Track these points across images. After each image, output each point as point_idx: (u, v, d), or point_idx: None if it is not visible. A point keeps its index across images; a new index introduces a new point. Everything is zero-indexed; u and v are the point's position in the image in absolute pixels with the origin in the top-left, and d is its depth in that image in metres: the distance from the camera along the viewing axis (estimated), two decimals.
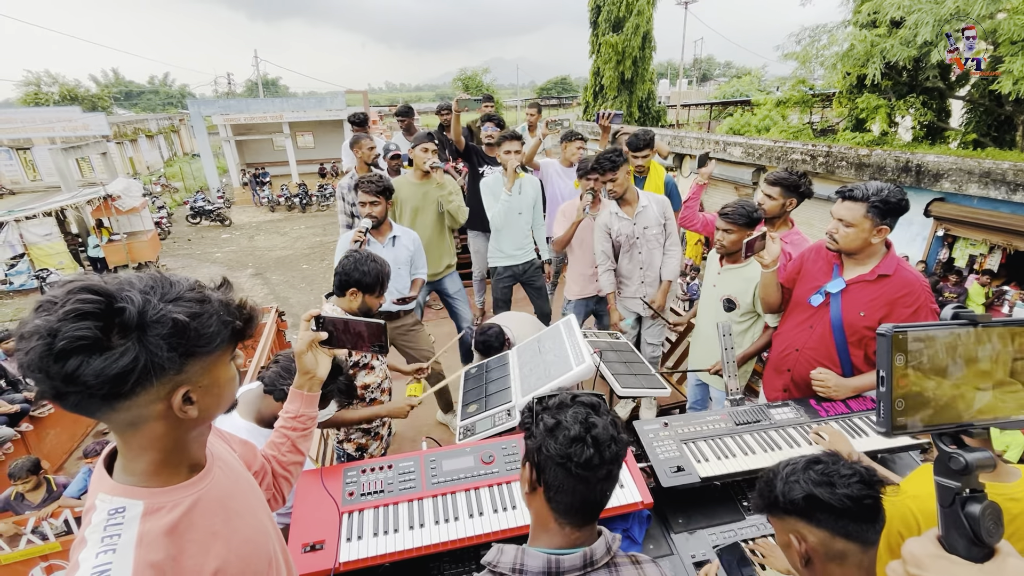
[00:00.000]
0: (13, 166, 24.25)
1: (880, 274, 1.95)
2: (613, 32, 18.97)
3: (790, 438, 1.90)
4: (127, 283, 0.74)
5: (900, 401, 0.62)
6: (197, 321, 0.76)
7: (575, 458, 0.90)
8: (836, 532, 1.00)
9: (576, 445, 0.90)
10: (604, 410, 0.97)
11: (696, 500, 1.80)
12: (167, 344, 0.72)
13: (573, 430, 0.91)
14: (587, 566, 0.92)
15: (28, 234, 11.82)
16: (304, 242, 16.11)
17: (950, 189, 7.44)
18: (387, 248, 2.99)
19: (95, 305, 0.69)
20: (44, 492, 3.80)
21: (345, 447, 2.34)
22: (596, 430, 0.91)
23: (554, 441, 0.91)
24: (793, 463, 1.11)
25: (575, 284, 3.51)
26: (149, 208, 15.27)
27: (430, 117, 32.12)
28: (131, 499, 0.80)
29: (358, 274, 2.10)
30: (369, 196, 2.81)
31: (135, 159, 28.86)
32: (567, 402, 0.96)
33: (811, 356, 2.18)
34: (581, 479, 0.91)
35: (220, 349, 0.80)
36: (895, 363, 0.62)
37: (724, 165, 11.66)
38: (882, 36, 9.75)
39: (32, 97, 35.42)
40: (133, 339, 0.70)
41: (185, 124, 37.46)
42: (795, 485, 1.05)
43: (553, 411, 0.95)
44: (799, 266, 2.26)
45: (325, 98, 23.91)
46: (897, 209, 1.87)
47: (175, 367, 0.74)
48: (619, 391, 2.41)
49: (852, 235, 1.94)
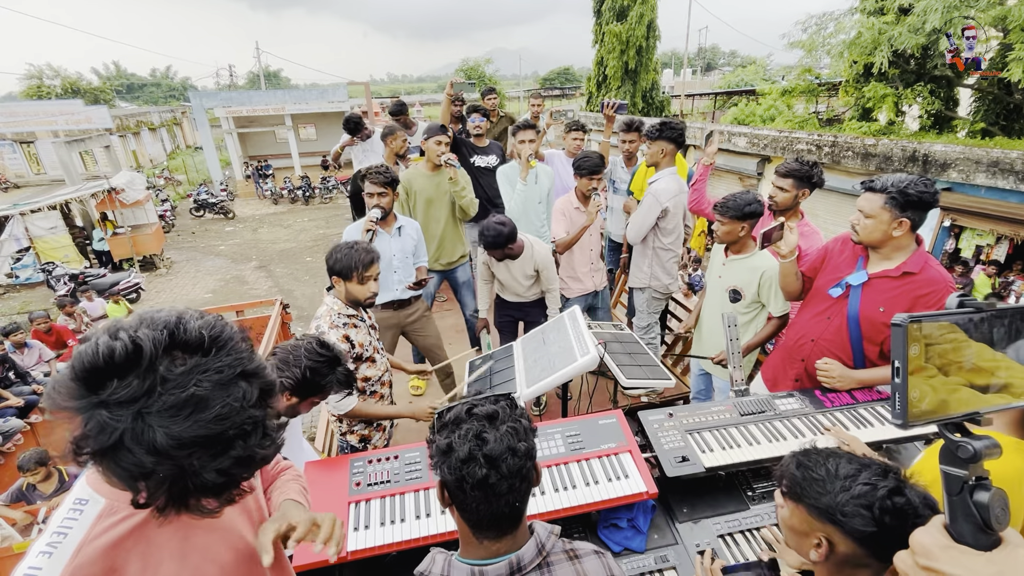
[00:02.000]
0: (17, 159, 24.31)
1: (905, 271, 1.92)
2: (617, 21, 18.76)
3: (795, 428, 1.90)
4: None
5: (916, 392, 0.62)
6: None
7: (469, 480, 0.87)
8: (875, 554, 0.94)
9: (468, 467, 0.87)
10: (503, 417, 0.93)
11: (701, 490, 1.80)
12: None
13: (462, 451, 0.88)
14: (513, 573, 0.90)
15: (33, 227, 11.87)
16: (307, 234, 16.12)
17: (957, 179, 7.37)
18: (394, 238, 3.00)
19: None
20: (56, 482, 3.86)
21: (348, 439, 2.35)
22: (488, 446, 0.88)
23: (447, 465, 0.90)
24: (867, 482, 0.97)
25: (575, 282, 3.49)
26: (153, 201, 15.29)
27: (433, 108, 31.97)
28: (96, 494, 0.79)
29: (331, 261, 2.17)
30: (377, 187, 2.82)
31: (138, 152, 28.86)
32: (462, 417, 0.93)
33: (826, 347, 2.17)
34: (482, 498, 0.88)
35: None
36: (910, 354, 0.61)
37: (729, 155, 11.57)
38: (890, 23, 9.62)
39: (35, 90, 35.42)
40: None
41: (187, 117, 37.39)
42: (866, 512, 0.94)
43: (448, 430, 0.92)
44: (823, 255, 2.23)
45: (327, 90, 23.83)
46: (918, 202, 1.82)
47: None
48: (624, 382, 2.42)
49: (871, 227, 1.91)
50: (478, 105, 4.36)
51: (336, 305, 2.19)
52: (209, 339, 0.72)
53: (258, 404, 0.74)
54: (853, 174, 8.73)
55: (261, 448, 0.74)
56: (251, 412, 0.73)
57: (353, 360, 2.21)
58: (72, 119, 20.91)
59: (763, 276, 2.49)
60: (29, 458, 3.77)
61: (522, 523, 0.97)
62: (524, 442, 0.93)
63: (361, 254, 2.15)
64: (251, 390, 0.73)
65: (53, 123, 20.93)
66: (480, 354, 2.94)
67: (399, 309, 3.11)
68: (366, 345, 2.25)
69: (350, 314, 2.20)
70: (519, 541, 0.95)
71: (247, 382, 0.74)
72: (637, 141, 3.85)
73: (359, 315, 2.25)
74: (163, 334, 0.69)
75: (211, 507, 0.75)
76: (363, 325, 2.27)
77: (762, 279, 2.50)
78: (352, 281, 2.15)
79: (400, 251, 3.03)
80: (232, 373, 0.72)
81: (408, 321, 3.14)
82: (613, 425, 1.89)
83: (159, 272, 13.25)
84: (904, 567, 0.67)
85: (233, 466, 0.71)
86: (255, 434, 0.73)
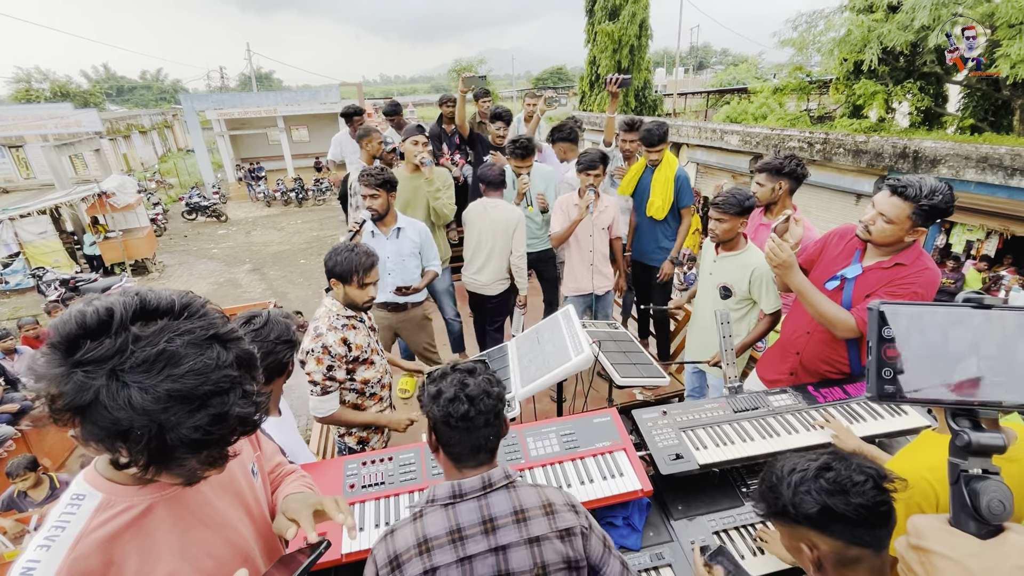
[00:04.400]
0: (6, 164, 24.05)
1: (898, 262, 1.93)
2: (609, 20, 18.83)
3: (788, 425, 1.91)
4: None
5: (887, 370, 0.64)
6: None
7: (454, 414, 1.11)
8: (851, 541, 0.96)
9: (454, 404, 1.11)
10: (480, 372, 1.18)
11: (695, 487, 1.81)
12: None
13: (449, 392, 1.12)
14: (486, 487, 1.12)
15: (23, 232, 11.74)
16: (301, 237, 16.06)
17: (947, 175, 7.43)
18: (391, 240, 2.98)
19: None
20: (47, 489, 3.82)
21: (346, 440, 2.34)
22: (468, 388, 1.13)
23: (436, 406, 1.13)
24: (801, 469, 1.04)
25: (572, 281, 3.50)
26: (144, 205, 15.19)
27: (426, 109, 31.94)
28: (93, 488, 0.81)
29: (331, 263, 2.14)
30: (370, 189, 2.80)
31: (129, 155, 28.64)
32: (447, 371, 1.18)
33: (822, 340, 2.18)
34: (464, 430, 1.12)
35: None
36: (882, 335, 0.65)
37: (721, 153, 11.63)
38: (879, 21, 9.71)
39: (23, 94, 35.10)
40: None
41: (178, 119, 37.15)
42: (806, 496, 0.99)
43: (437, 381, 1.16)
44: (821, 248, 2.23)
45: (319, 91, 23.73)
46: (944, 214, 1.80)
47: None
48: (618, 380, 2.42)
49: (889, 231, 1.87)
50: (501, 112, 4.38)
51: (335, 307, 2.17)
52: (180, 305, 0.76)
53: (234, 365, 0.76)
54: (845, 171, 8.79)
55: (239, 407, 0.76)
56: (226, 371, 0.75)
57: (350, 362, 2.20)
58: (61, 123, 20.72)
59: (753, 273, 2.50)
60: (17, 464, 3.72)
61: (495, 460, 1.18)
62: (497, 387, 1.17)
63: (361, 258, 2.13)
64: (225, 352, 0.76)
65: (42, 127, 20.74)
66: (463, 358, 2.94)
67: (394, 311, 3.09)
68: (364, 347, 2.23)
69: (349, 315, 2.19)
70: (493, 468, 1.16)
71: (221, 345, 0.77)
72: (637, 141, 3.85)
73: (358, 316, 2.24)
74: (135, 299, 0.74)
75: (192, 467, 0.76)
76: (362, 327, 2.26)
77: (752, 276, 2.50)
78: (351, 285, 2.13)
79: (395, 253, 3.00)
80: (204, 335, 0.75)
81: (401, 324, 3.13)
82: (607, 424, 1.89)
83: (151, 276, 13.15)
84: (899, 548, 0.68)
85: (211, 423, 0.72)
86: (232, 392, 0.75)
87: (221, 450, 0.78)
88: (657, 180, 3.46)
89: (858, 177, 8.60)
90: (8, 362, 5.87)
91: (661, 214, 3.48)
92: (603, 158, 3.24)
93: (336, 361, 2.10)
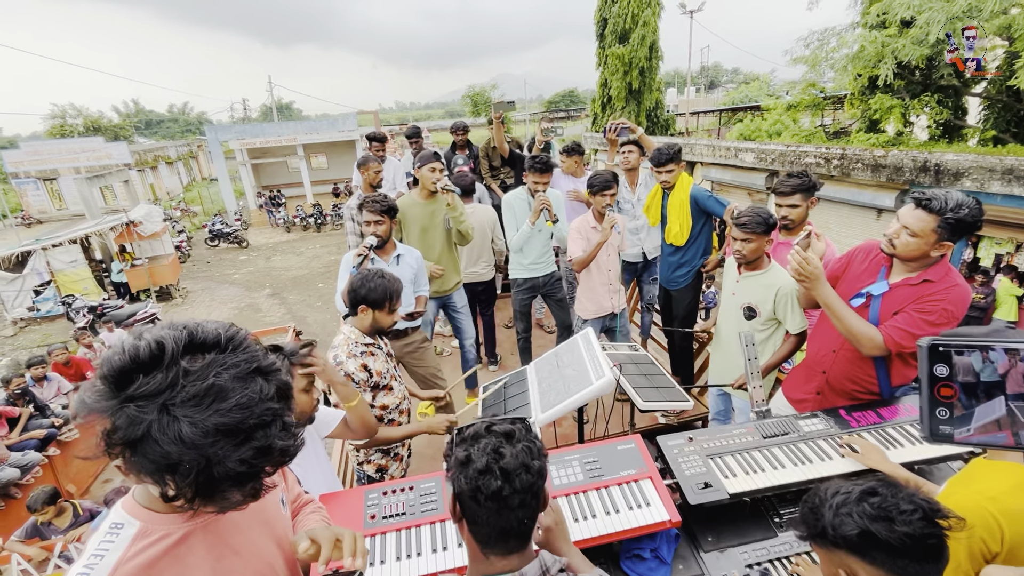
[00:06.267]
0: (40, 196, 25.13)
1: (925, 279, 1.87)
2: (619, 44, 19.10)
3: (821, 451, 1.84)
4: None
5: (943, 410, 0.60)
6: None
7: (484, 490, 0.91)
8: (893, 572, 0.91)
9: (484, 477, 0.92)
10: (520, 437, 0.98)
11: (726, 517, 1.74)
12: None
13: (480, 462, 0.93)
14: None
15: (55, 261, 12.17)
16: (319, 261, 16.32)
17: (971, 187, 7.27)
18: (391, 266, 3.01)
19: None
20: (70, 517, 3.85)
21: (365, 468, 2.32)
22: (504, 460, 0.93)
23: (464, 476, 0.94)
24: (844, 491, 1.00)
25: (590, 303, 3.47)
26: (169, 232, 15.64)
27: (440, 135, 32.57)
28: (131, 517, 0.83)
29: (365, 290, 2.12)
30: (374, 215, 2.85)
31: (156, 185, 29.70)
32: (481, 432, 0.99)
33: (848, 358, 2.12)
34: (494, 510, 0.92)
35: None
36: (934, 372, 0.61)
37: (737, 171, 11.58)
38: (892, 36, 9.67)
39: (58, 129, 36.83)
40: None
41: (203, 150, 38.49)
42: (848, 519, 0.95)
43: (467, 443, 0.97)
44: (845, 265, 2.18)
45: (337, 119, 24.40)
46: (969, 227, 1.75)
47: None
48: (641, 405, 2.37)
49: (913, 245, 1.83)
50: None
51: (353, 334, 2.18)
52: (225, 338, 0.78)
53: (275, 398, 0.78)
54: (864, 186, 8.66)
55: (280, 439, 0.77)
56: (269, 404, 0.76)
57: (371, 388, 2.19)
58: (93, 155, 21.64)
59: (778, 293, 2.45)
60: (36, 498, 3.73)
61: (529, 545, 0.99)
62: (537, 460, 0.97)
63: (395, 283, 2.17)
64: (267, 385, 0.78)
65: (75, 160, 21.68)
66: (475, 395, 2.90)
67: (396, 339, 3.10)
68: (384, 373, 2.24)
69: (368, 342, 2.19)
70: (525, 560, 0.97)
71: (263, 378, 0.78)
72: (637, 153, 3.84)
73: (376, 343, 2.25)
74: (183, 333, 0.75)
75: (235, 499, 0.77)
76: (380, 353, 2.26)
77: (777, 296, 2.45)
78: (383, 311, 2.16)
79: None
80: (248, 368, 0.76)
81: (406, 351, 3.13)
82: (632, 451, 1.85)
83: (175, 302, 13.45)
84: None
85: (255, 456, 0.74)
86: (274, 425, 0.77)
87: (261, 481, 0.80)
88: (672, 205, 3.41)
89: (878, 192, 8.46)
90: (38, 389, 6.01)
91: (680, 240, 3.42)
92: (615, 177, 3.26)
93: (359, 387, 2.11)
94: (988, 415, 0.61)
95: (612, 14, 19.03)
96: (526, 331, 3.83)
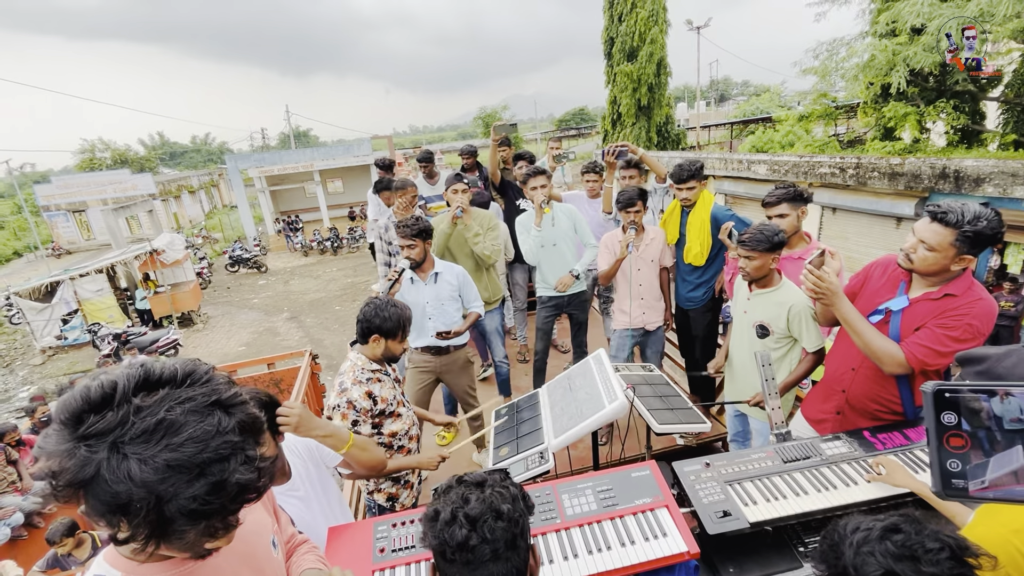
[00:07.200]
0: (70, 227, 26.08)
1: (947, 293, 1.81)
2: (628, 61, 19.28)
3: (845, 476, 1.77)
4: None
5: (954, 462, 0.55)
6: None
7: (449, 542, 0.85)
8: None
9: (449, 529, 0.86)
10: (492, 484, 0.91)
11: (747, 547, 1.67)
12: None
13: (445, 513, 0.87)
14: None
15: (82, 291, 12.54)
16: (336, 284, 16.53)
17: (994, 193, 7.08)
18: (429, 285, 3.03)
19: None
20: (90, 548, 3.87)
21: (376, 498, 2.30)
22: (469, 507, 0.86)
23: (431, 530, 0.88)
24: (865, 528, 0.94)
25: (621, 314, 3.46)
26: (191, 260, 16.03)
27: (453, 156, 33.04)
28: (112, 568, 0.81)
29: (379, 320, 2.13)
30: (407, 239, 2.86)
31: (179, 214, 30.62)
32: (452, 485, 0.94)
33: (869, 376, 2.04)
34: (463, 564, 0.85)
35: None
36: (942, 421, 0.55)
37: (750, 183, 11.48)
38: (903, 44, 9.58)
39: (88, 163, 38.35)
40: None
41: (224, 178, 39.61)
42: (870, 558, 0.89)
43: (438, 498, 0.92)
44: (863, 281, 2.13)
45: (352, 145, 24.97)
46: (989, 239, 1.69)
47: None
48: (656, 428, 2.32)
49: (931, 260, 1.77)
50: (523, 152, 4.48)
51: (360, 360, 2.19)
52: (183, 373, 0.76)
53: (236, 431, 0.75)
54: (881, 195, 8.51)
55: (240, 474, 0.73)
56: (227, 437, 0.73)
57: (376, 416, 2.18)
58: (119, 187, 22.45)
59: (791, 310, 2.39)
60: (55, 531, 3.75)
61: None
62: (510, 505, 0.89)
63: (407, 312, 2.20)
64: (227, 418, 0.75)
65: (103, 192, 22.51)
66: (507, 401, 2.89)
67: (436, 355, 3.11)
68: (390, 400, 2.23)
69: (374, 369, 2.19)
70: None
71: (223, 411, 0.75)
72: (637, 177, 3.83)
73: (383, 369, 2.25)
74: (138, 371, 0.74)
75: (191, 540, 0.73)
76: (387, 379, 2.26)
77: (791, 313, 2.39)
78: (396, 339, 2.18)
79: (434, 298, 3.05)
80: (205, 401, 0.74)
81: (446, 368, 3.14)
82: (647, 478, 1.79)
83: (196, 328, 13.71)
84: None
85: (209, 492, 0.70)
86: (232, 459, 0.73)
87: (223, 519, 0.76)
88: (692, 224, 3.31)
89: (896, 200, 8.29)
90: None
91: (700, 260, 3.34)
92: (642, 194, 3.24)
93: (361, 415, 2.10)
94: (1006, 465, 0.55)
95: (619, 33, 19.27)
96: (544, 351, 3.79)
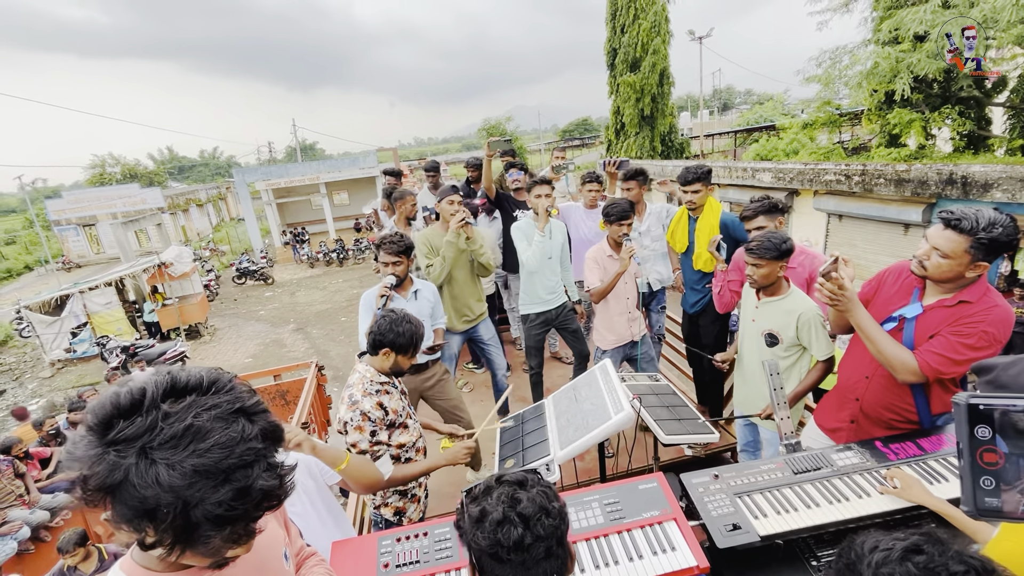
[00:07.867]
0: (80, 241, 26.41)
1: (962, 300, 1.78)
2: (630, 72, 19.40)
3: (857, 487, 1.73)
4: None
5: (987, 479, 0.52)
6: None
7: (504, 543, 0.84)
8: None
9: (503, 528, 0.85)
10: (533, 483, 0.93)
11: (757, 561, 1.64)
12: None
13: (496, 513, 0.87)
14: None
15: (91, 304, 12.65)
16: (342, 295, 16.59)
17: (1002, 199, 7.02)
18: (410, 301, 3.05)
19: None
20: (96, 562, 3.86)
21: (383, 512, 2.28)
22: (521, 506, 0.87)
23: (481, 531, 0.87)
24: (885, 548, 0.89)
25: (609, 333, 3.40)
26: (199, 272, 16.16)
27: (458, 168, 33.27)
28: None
29: (393, 335, 2.12)
30: (391, 256, 2.89)
31: (187, 227, 30.95)
32: (492, 485, 0.94)
33: (883, 385, 2.01)
34: (518, 564, 0.85)
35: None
36: (976, 435, 0.52)
37: (754, 191, 11.45)
38: (907, 51, 9.59)
39: (98, 178, 38.94)
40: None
41: (231, 191, 40.08)
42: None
43: (479, 499, 0.91)
44: (876, 288, 2.10)
45: (358, 157, 25.23)
46: (1006, 247, 1.66)
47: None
48: (663, 439, 2.29)
49: (945, 267, 1.74)
50: (515, 161, 4.49)
51: (369, 372, 2.18)
52: (208, 381, 0.78)
53: (259, 438, 0.77)
54: (888, 201, 8.46)
55: (263, 480, 0.75)
56: (251, 444, 0.75)
57: (387, 427, 2.17)
58: (129, 201, 22.78)
59: (800, 318, 2.36)
60: (68, 540, 3.77)
61: None
62: (556, 503, 0.91)
63: (420, 328, 2.20)
64: (251, 426, 0.77)
65: (112, 206, 22.84)
66: (503, 418, 2.85)
67: (416, 373, 3.09)
68: (399, 411, 2.22)
69: (383, 381, 2.19)
70: None
71: (247, 418, 0.77)
72: (636, 189, 3.81)
73: (392, 381, 2.24)
74: (166, 378, 0.76)
75: (217, 545, 0.74)
76: (395, 391, 2.25)
77: (800, 322, 2.37)
78: (407, 354, 2.18)
79: (416, 314, 3.03)
80: (230, 408, 0.76)
81: (426, 385, 3.11)
82: (654, 490, 1.77)
83: (203, 340, 13.78)
84: None
85: (234, 497, 0.72)
86: (256, 466, 0.75)
87: (246, 526, 0.77)
88: (700, 230, 3.33)
89: (904, 206, 8.24)
90: (71, 430, 6.16)
91: (709, 267, 3.34)
92: (632, 207, 3.23)
93: (377, 425, 2.09)
94: None
95: (622, 44, 19.42)
96: (539, 367, 3.76)
